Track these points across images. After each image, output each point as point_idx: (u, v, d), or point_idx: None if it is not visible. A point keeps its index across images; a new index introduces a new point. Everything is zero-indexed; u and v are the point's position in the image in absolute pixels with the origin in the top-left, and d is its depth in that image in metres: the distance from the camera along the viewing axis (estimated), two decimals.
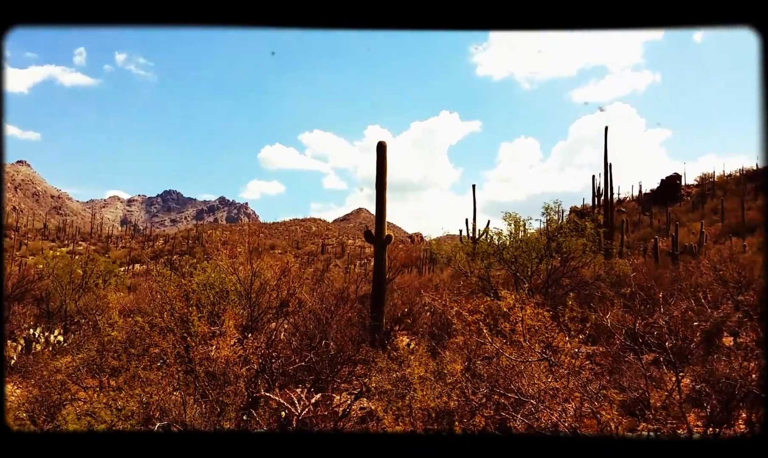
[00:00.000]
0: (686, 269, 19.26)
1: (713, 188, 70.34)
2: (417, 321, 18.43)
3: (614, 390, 6.92)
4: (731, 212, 53.52)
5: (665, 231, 50.13)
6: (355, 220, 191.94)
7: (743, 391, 5.85)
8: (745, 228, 47.71)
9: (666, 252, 33.98)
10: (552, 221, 21.35)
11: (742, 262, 16.69)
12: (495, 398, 6.22)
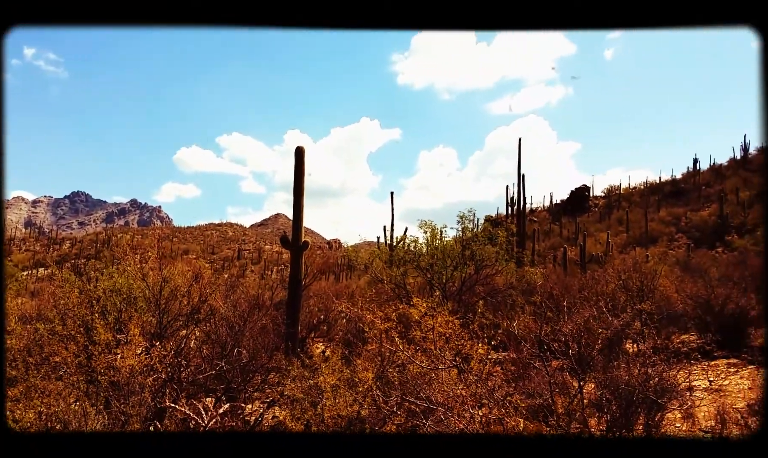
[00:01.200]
0: (593, 278, 19.97)
1: (619, 200, 73.62)
2: (333, 329, 18.37)
3: (522, 396, 7.10)
4: (635, 223, 56.13)
5: (574, 241, 52.00)
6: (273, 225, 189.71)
7: (641, 397, 6.12)
8: (648, 238, 50.16)
9: (574, 261, 35.24)
10: (466, 229, 21.74)
11: (645, 271, 17.44)
12: (406, 406, 6.26)
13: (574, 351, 6.91)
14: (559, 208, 76.43)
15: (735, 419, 7.52)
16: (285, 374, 9.72)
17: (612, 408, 6.12)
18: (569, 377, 7.12)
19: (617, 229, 57.08)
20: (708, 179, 69.99)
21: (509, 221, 35.86)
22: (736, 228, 49.32)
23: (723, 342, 13.70)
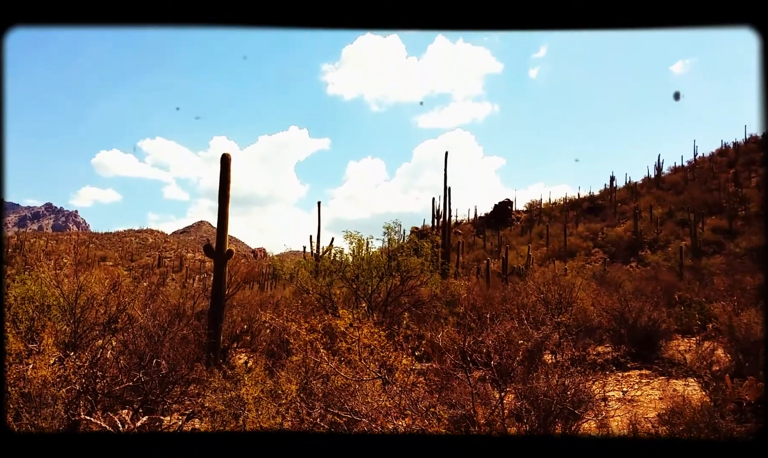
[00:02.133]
0: (514, 290, 20.45)
1: (540, 214, 75.75)
2: (256, 339, 18.10)
3: (445, 406, 7.19)
4: (555, 237, 57.84)
5: (497, 254, 53.14)
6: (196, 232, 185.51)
7: (559, 407, 6.31)
8: (567, 252, 51.76)
9: (497, 274, 36.02)
10: (393, 241, 21.88)
11: (563, 285, 17.98)
12: (330, 417, 6.24)
13: (495, 362, 7.05)
14: (483, 221, 77.97)
15: (647, 428, 7.84)
16: (206, 385, 9.51)
17: (531, 418, 6.29)
18: (491, 387, 7.27)
19: (538, 243, 58.68)
20: (624, 196, 72.97)
21: (435, 233, 36.28)
22: (649, 244, 51.55)
23: (636, 354, 14.27)
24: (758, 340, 11.41)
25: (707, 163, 76.90)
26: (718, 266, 34.71)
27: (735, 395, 8.97)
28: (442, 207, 39.25)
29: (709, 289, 23.39)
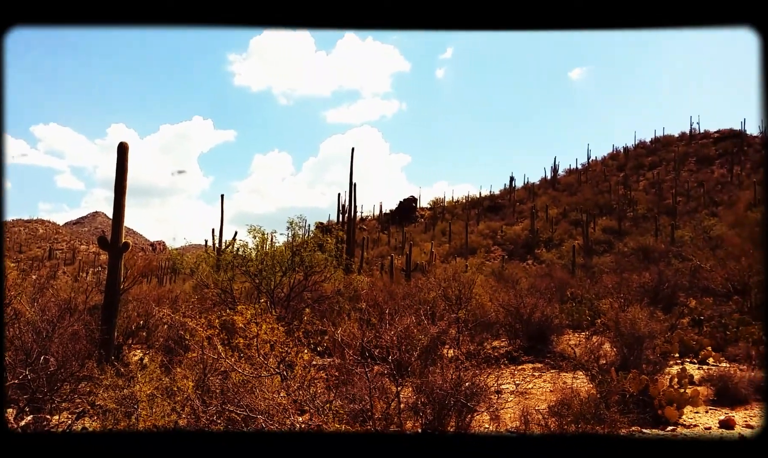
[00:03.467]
0: (416, 286, 20.78)
1: (443, 212, 77.26)
2: (153, 335, 17.53)
3: (344, 401, 7.24)
4: (457, 234, 59.14)
5: (401, 250, 53.79)
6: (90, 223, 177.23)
7: (453, 400, 6.50)
8: (468, 249, 53.04)
9: (400, 270, 36.49)
10: (297, 235, 21.75)
11: (463, 281, 18.44)
12: (226, 414, 6.15)
13: (394, 357, 7.17)
14: (388, 218, 78.74)
15: (537, 419, 8.18)
16: (98, 383, 9.15)
17: (426, 411, 6.44)
18: (389, 382, 7.38)
19: (441, 240, 59.84)
20: (522, 196, 75.59)
21: (339, 228, 36.33)
22: (545, 242, 53.63)
23: (530, 348, 14.85)
24: (641, 335, 12.13)
25: (599, 166, 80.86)
26: (608, 264, 36.56)
27: (619, 387, 9.50)
28: (348, 202, 39.39)
29: (598, 286, 24.61)
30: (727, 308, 19.96)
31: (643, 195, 63.99)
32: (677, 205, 55.34)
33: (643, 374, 10.25)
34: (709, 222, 40.58)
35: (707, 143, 74.73)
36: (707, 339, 15.56)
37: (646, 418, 9.17)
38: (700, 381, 11.52)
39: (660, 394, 9.45)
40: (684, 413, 9.50)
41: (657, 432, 8.91)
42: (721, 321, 17.86)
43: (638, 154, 79.33)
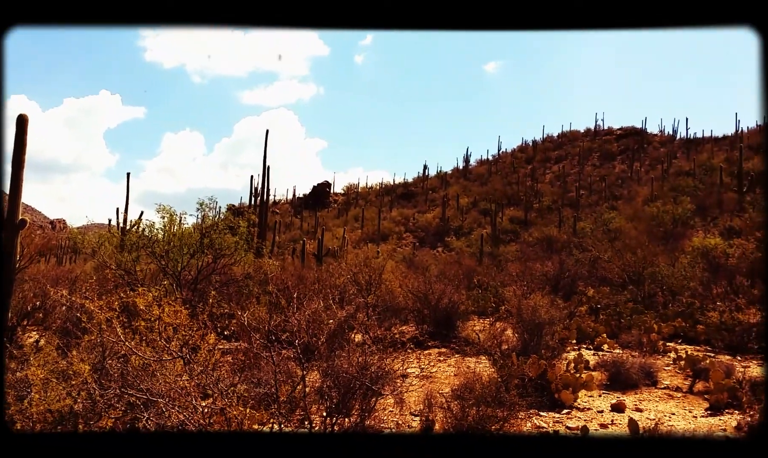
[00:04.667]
0: (327, 271, 20.79)
1: (357, 198, 77.48)
2: (50, 316, 16.77)
3: (250, 385, 7.19)
4: (370, 220, 59.54)
5: (313, 235, 53.62)
6: None
7: (358, 384, 6.58)
8: (380, 236, 53.49)
9: (312, 254, 36.38)
10: (207, 217, 21.27)
11: (374, 267, 18.61)
12: (126, 398, 5.99)
13: (301, 341, 7.17)
14: (301, 202, 78.27)
15: (440, 403, 8.38)
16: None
17: (332, 394, 6.50)
18: (295, 366, 7.38)
19: (354, 225, 60.05)
20: (435, 184, 76.79)
21: (252, 211, 35.75)
22: (455, 230, 54.75)
23: (436, 333, 15.17)
24: (541, 322, 12.61)
25: (509, 158, 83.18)
26: (513, 253, 37.75)
27: (519, 371, 9.87)
28: (261, 185, 38.82)
29: (504, 274, 25.41)
30: (622, 297, 21.04)
31: (548, 187, 66.39)
32: (580, 198, 57.72)
33: (542, 359, 10.67)
34: (609, 215, 42.53)
35: (610, 139, 78.22)
36: (603, 326, 16.36)
37: (544, 401, 9.57)
38: (595, 366, 12.10)
39: (557, 379, 9.87)
40: (579, 396, 9.96)
41: (554, 414, 9.31)
42: (616, 309, 18.81)
43: (546, 148, 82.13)
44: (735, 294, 17.41)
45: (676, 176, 54.15)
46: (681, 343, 15.38)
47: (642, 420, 8.63)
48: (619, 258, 24.04)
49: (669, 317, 17.44)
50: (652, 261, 22.50)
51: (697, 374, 11.24)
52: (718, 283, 19.99)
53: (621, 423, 8.81)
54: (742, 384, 10.04)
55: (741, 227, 30.36)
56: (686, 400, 10.33)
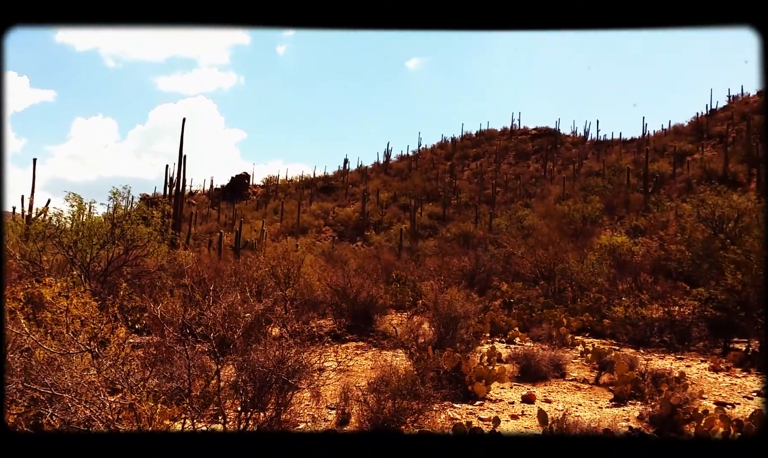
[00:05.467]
0: (245, 263, 20.48)
1: (276, 190, 76.66)
2: None
3: (163, 379, 7.01)
4: (289, 214, 59.01)
5: (231, 227, 52.69)
6: None
7: (275, 377, 6.54)
8: (300, 229, 53.14)
9: (230, 247, 35.75)
10: (119, 207, 20.55)
11: (292, 260, 18.47)
12: (29, 393, 5.73)
13: (217, 334, 7.06)
14: (219, 193, 76.70)
15: (356, 396, 8.43)
16: None
17: (248, 389, 6.42)
18: (209, 360, 7.26)
19: (272, 218, 59.37)
20: (355, 179, 76.91)
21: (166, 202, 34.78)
22: (375, 225, 55.04)
23: (354, 327, 15.23)
24: (457, 316, 12.86)
25: (429, 154, 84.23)
26: (431, 248, 38.29)
27: (435, 364, 10.05)
28: (176, 175, 37.80)
29: (422, 269, 25.73)
30: (533, 292, 21.73)
31: (466, 184, 67.70)
32: (496, 195, 59.16)
33: (457, 352, 10.90)
34: (523, 212, 43.77)
35: (525, 139, 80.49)
36: (515, 320, 16.86)
37: (458, 393, 9.77)
38: (508, 359, 12.46)
39: (471, 371, 10.11)
40: (491, 388, 10.23)
41: (467, 406, 9.53)
42: (528, 304, 19.42)
43: (464, 145, 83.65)
44: (639, 290, 18.27)
45: (587, 176, 56.27)
46: (588, 337, 16.04)
47: (551, 410, 8.95)
48: (531, 254, 24.79)
49: (577, 311, 18.14)
50: (563, 258, 23.31)
51: (602, 366, 11.76)
52: (623, 279, 20.94)
53: (531, 413, 9.12)
54: (644, 376, 10.57)
55: (645, 226, 31.89)
56: (592, 392, 10.79)
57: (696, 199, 24.56)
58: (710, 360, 12.85)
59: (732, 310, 14.19)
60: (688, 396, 9.07)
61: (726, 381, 11.34)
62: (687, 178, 47.15)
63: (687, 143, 58.08)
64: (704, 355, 13.68)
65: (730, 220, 21.69)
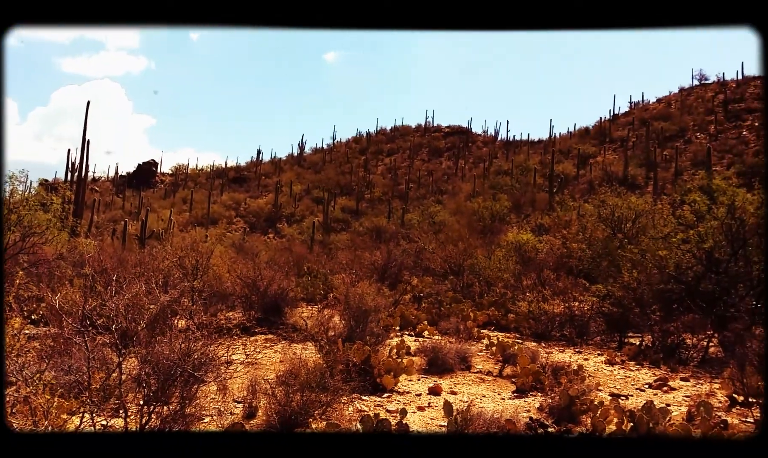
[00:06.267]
0: (151, 254, 19.87)
1: (186, 179, 74.71)
2: None
3: (60, 372, 6.73)
4: (199, 203, 57.69)
5: (137, 216, 50.99)
6: None
7: (180, 371, 6.39)
8: (210, 219, 52.03)
9: (135, 236, 34.60)
10: (15, 192, 19.50)
11: (201, 251, 18.07)
12: None
13: (119, 326, 6.83)
14: (124, 180, 74.01)
15: (264, 389, 8.36)
16: None
17: (150, 382, 6.26)
18: (111, 352, 7.02)
19: (181, 208, 57.90)
20: (268, 170, 75.99)
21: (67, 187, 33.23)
22: (287, 217, 54.59)
23: (264, 320, 15.08)
24: (368, 309, 12.96)
25: (344, 147, 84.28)
26: (344, 242, 38.37)
27: (344, 357, 10.09)
28: (79, 160, 36.20)
29: (334, 262, 25.75)
30: (443, 287, 22.15)
31: (380, 179, 68.20)
32: (409, 191, 59.90)
33: (366, 345, 10.99)
34: (435, 208, 44.53)
35: (438, 137, 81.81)
36: (425, 314, 17.16)
37: (366, 386, 9.86)
38: (416, 352, 12.67)
39: (380, 364, 10.21)
40: (400, 381, 10.38)
41: (375, 398, 9.63)
42: (438, 298, 19.79)
43: (379, 140, 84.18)
44: (542, 286, 18.96)
45: (496, 175, 57.89)
46: (494, 330, 16.53)
47: (456, 402, 9.17)
48: (442, 249, 25.26)
49: (484, 306, 18.65)
50: (472, 254, 23.88)
51: (506, 359, 12.15)
52: (528, 276, 21.67)
53: (437, 405, 9.31)
54: (545, 369, 10.99)
55: (550, 225, 33.09)
56: (496, 383, 11.13)
57: (597, 199, 25.64)
58: (606, 353, 13.49)
59: (627, 306, 14.96)
60: (585, 388, 9.51)
61: (621, 374, 11.95)
62: (590, 179, 49.31)
63: (590, 146, 60.69)
64: (601, 349, 14.34)
65: (628, 220, 22.80)
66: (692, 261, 14.94)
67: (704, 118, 57.66)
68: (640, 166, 49.00)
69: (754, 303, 13.87)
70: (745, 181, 34.83)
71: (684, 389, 10.82)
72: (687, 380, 11.42)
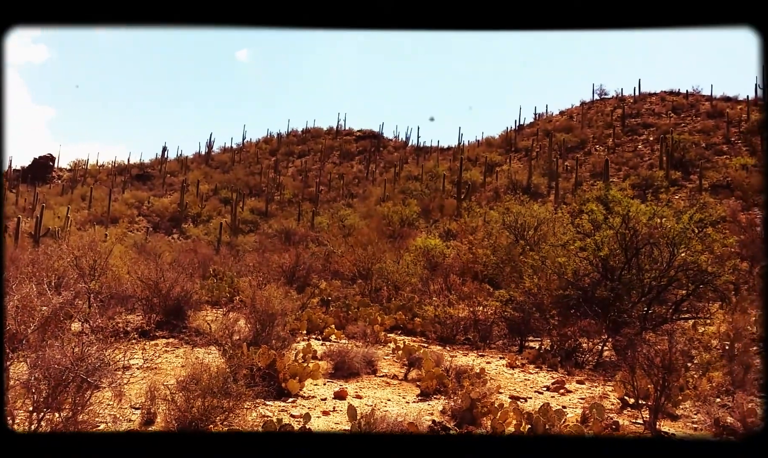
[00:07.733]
0: (45, 253, 18.90)
1: (85, 175, 71.61)
2: None
3: None
4: (99, 201, 55.45)
5: (31, 212, 48.42)
6: None
7: (72, 376, 6.11)
8: (110, 218, 50.05)
9: (28, 234, 32.85)
10: None
11: (100, 251, 17.36)
12: None
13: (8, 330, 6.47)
14: (18, 175, 70.07)
15: (164, 395, 8.10)
16: None
17: (41, 388, 5.94)
18: None
19: (80, 205, 55.45)
20: (174, 168, 73.94)
21: None
22: (193, 217, 53.25)
23: (165, 323, 14.61)
24: (274, 313, 12.79)
25: (253, 148, 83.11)
26: (252, 244, 37.80)
27: (249, 362, 9.92)
28: None
29: (241, 265, 25.31)
30: (351, 291, 22.19)
31: (290, 180, 67.69)
32: (320, 194, 59.76)
33: (272, 349, 10.85)
34: (345, 212, 44.62)
35: (350, 140, 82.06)
36: (332, 318, 17.11)
37: (271, 391, 9.73)
38: (323, 356, 12.61)
39: (285, 368, 10.11)
40: (305, 385, 10.30)
41: (279, 403, 9.52)
42: (345, 302, 19.79)
43: (290, 142, 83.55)
44: (449, 290, 19.31)
45: (406, 180, 58.58)
46: (401, 334, 16.68)
47: (361, 406, 9.19)
48: (351, 253, 25.31)
49: (391, 310, 18.80)
50: (380, 258, 24.05)
51: (412, 363, 12.29)
52: (435, 280, 22.03)
53: (342, 410, 9.30)
54: (449, 373, 11.20)
55: (457, 231, 33.80)
56: (401, 387, 11.24)
57: (502, 207, 26.40)
58: (508, 357, 13.89)
59: (528, 311, 15.47)
60: (486, 390, 9.76)
61: (521, 377, 12.33)
62: (496, 187, 50.73)
63: (497, 155, 62.49)
64: (503, 353, 14.76)
65: (531, 228, 23.60)
66: (589, 268, 15.63)
67: (603, 131, 60.56)
68: (543, 176, 50.88)
69: (645, 310, 14.65)
70: (640, 192, 36.84)
71: (579, 391, 11.28)
72: (582, 383, 11.91)
